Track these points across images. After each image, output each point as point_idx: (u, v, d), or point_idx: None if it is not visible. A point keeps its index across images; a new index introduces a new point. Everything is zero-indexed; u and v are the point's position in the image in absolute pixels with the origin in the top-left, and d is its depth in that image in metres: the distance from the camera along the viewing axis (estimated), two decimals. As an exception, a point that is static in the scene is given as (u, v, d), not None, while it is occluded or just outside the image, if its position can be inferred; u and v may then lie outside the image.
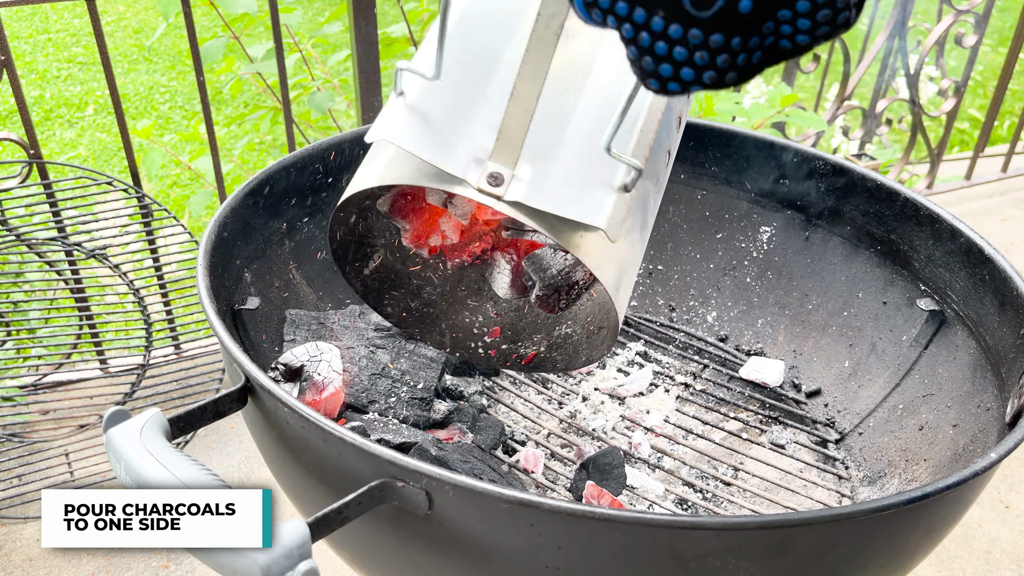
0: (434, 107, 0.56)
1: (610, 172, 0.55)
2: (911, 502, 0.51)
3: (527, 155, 0.55)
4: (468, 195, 0.54)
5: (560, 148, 0.55)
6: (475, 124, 0.55)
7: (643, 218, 0.62)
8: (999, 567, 1.11)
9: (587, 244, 0.56)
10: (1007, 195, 2.05)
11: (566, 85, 0.57)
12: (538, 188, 0.54)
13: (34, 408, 1.25)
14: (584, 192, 0.54)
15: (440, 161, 0.54)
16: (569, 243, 0.56)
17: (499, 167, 0.54)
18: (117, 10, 3.91)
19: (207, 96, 1.21)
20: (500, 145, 0.54)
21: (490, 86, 0.56)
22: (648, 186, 0.61)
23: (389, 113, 0.56)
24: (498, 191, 0.54)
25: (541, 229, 0.54)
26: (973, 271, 0.78)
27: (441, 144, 0.54)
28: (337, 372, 0.76)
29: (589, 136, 0.55)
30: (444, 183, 0.55)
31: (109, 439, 0.54)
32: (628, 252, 0.61)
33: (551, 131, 0.56)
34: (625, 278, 0.62)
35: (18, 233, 1.14)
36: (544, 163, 0.55)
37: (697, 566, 0.51)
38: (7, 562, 1.08)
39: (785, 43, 0.32)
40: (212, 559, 0.48)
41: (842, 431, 0.90)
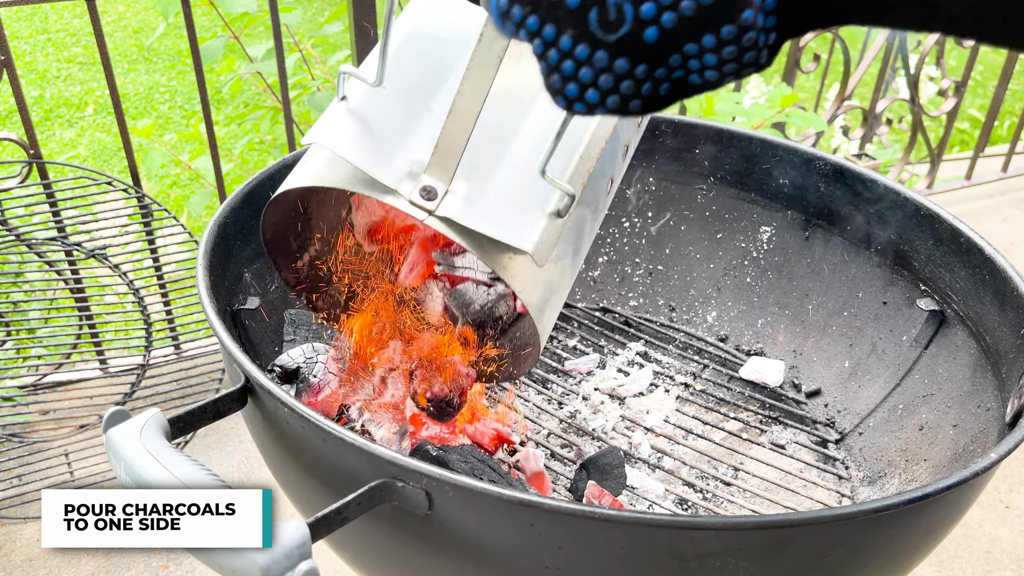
0: (375, 115, 0.56)
1: (544, 196, 0.55)
2: (911, 502, 0.51)
3: (463, 172, 0.54)
4: (399, 206, 0.54)
5: (497, 168, 0.55)
6: (414, 137, 0.55)
7: (576, 243, 0.62)
8: (999, 567, 1.11)
9: (514, 266, 0.56)
10: (1007, 195, 2.05)
11: (510, 107, 0.57)
12: (470, 206, 0.54)
13: (34, 408, 1.25)
14: (516, 214, 0.54)
15: (374, 170, 0.54)
16: (496, 264, 0.55)
17: (433, 181, 0.54)
18: (117, 10, 3.91)
19: (207, 96, 1.21)
20: (436, 159, 0.54)
21: (434, 100, 0.56)
22: (585, 212, 0.61)
23: (329, 117, 0.56)
24: (429, 205, 0.53)
25: (469, 247, 0.54)
26: (973, 271, 0.78)
27: (377, 153, 0.54)
28: (333, 373, 0.76)
29: (527, 159, 0.55)
30: (376, 192, 0.54)
31: (109, 439, 0.54)
32: (557, 276, 0.61)
33: (490, 150, 0.55)
34: (552, 300, 0.61)
35: (18, 233, 1.14)
36: (480, 181, 0.55)
37: (697, 566, 0.51)
38: (7, 562, 1.08)
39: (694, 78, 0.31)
40: (212, 559, 0.48)
41: (842, 431, 0.90)
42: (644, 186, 1.05)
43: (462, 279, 0.75)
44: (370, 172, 0.54)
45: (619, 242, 1.08)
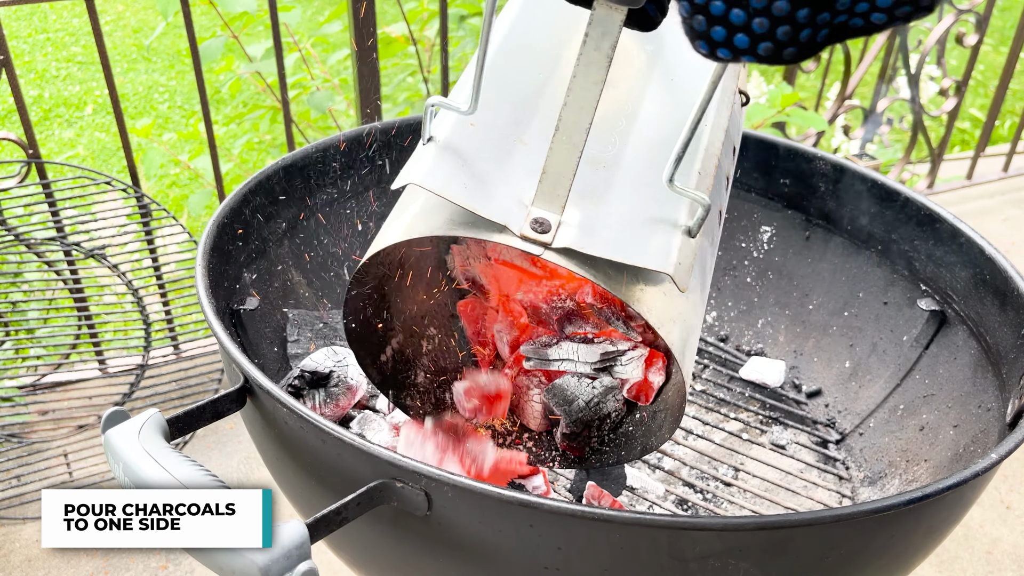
0: (468, 149, 0.50)
1: (671, 213, 0.49)
2: (912, 503, 0.51)
3: (575, 199, 0.48)
4: (510, 244, 0.47)
5: (610, 191, 0.49)
6: (514, 167, 0.49)
7: (702, 277, 0.55)
8: (1000, 568, 1.11)
9: (648, 298, 0.49)
10: (1008, 195, 2.04)
11: (610, 130, 0.52)
12: (590, 233, 0.47)
13: (33, 408, 1.24)
14: (645, 235, 0.48)
15: (477, 206, 0.47)
16: (628, 296, 0.49)
17: (544, 212, 0.47)
18: (116, 9, 3.90)
19: (206, 95, 1.21)
20: (544, 187, 0.47)
21: (531, 124, 0.51)
22: (704, 243, 0.54)
23: (418, 158, 0.51)
24: (545, 238, 0.47)
25: (596, 280, 0.48)
26: (974, 271, 0.78)
27: (478, 188, 0.48)
28: (362, 374, 0.76)
29: (641, 178, 0.50)
30: (482, 232, 0.48)
31: (107, 440, 0.54)
32: (691, 313, 0.54)
33: (599, 175, 0.50)
34: (690, 341, 0.54)
35: (17, 233, 1.14)
36: (594, 207, 0.48)
37: (697, 567, 0.51)
38: (6, 562, 1.08)
39: (857, 21, 0.28)
40: (211, 560, 0.48)
41: (842, 431, 0.90)
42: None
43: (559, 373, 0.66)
44: (474, 209, 0.47)
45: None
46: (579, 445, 0.66)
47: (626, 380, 0.66)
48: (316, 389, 0.74)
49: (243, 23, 1.57)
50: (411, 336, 0.67)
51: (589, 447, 0.66)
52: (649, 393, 0.65)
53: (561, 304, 0.67)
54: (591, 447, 0.67)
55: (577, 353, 0.65)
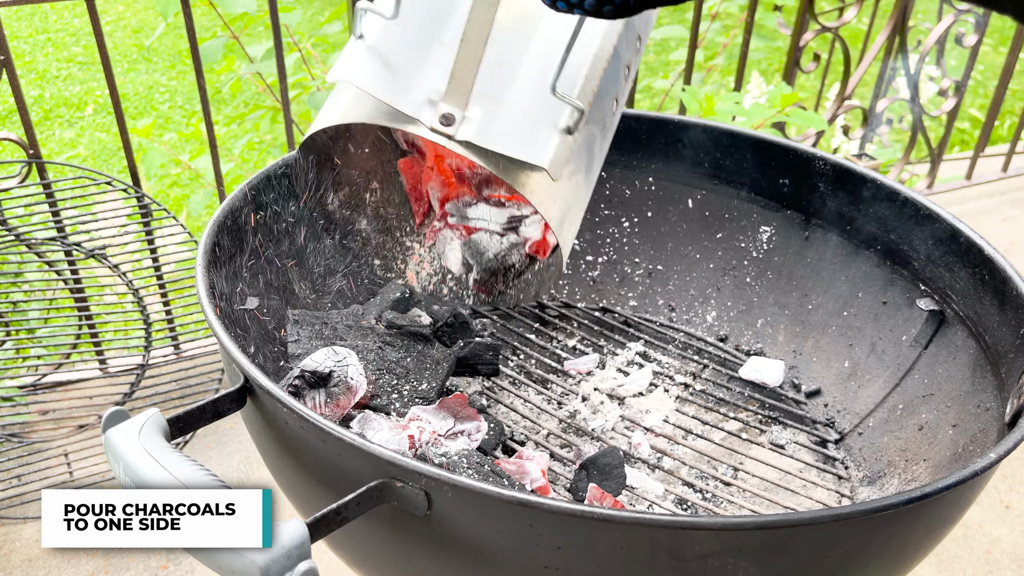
0: (392, 50, 0.59)
1: (555, 114, 0.58)
2: (911, 502, 0.51)
3: (477, 98, 0.58)
4: (421, 134, 0.58)
5: (508, 91, 0.59)
6: (430, 67, 0.59)
7: (588, 161, 0.65)
8: (999, 567, 1.11)
9: (532, 183, 0.60)
10: (1007, 195, 2.05)
11: (516, 33, 0.60)
12: (487, 129, 0.57)
13: (33, 408, 1.25)
14: (530, 133, 0.58)
15: (396, 101, 0.57)
16: (515, 181, 0.59)
17: (451, 108, 0.57)
18: (116, 10, 3.91)
19: (207, 95, 1.21)
20: (452, 87, 0.58)
21: (446, 32, 0.60)
22: (594, 131, 0.64)
23: (349, 54, 0.59)
24: (450, 130, 0.57)
25: (489, 167, 0.58)
26: (973, 271, 0.78)
27: (397, 85, 0.58)
28: (362, 375, 0.76)
29: (536, 81, 0.59)
30: (399, 122, 0.58)
31: (108, 439, 0.54)
32: (572, 192, 0.65)
33: (501, 76, 0.59)
34: (570, 215, 0.65)
35: (17, 233, 1.14)
36: (493, 106, 0.58)
37: (697, 566, 0.51)
38: (7, 562, 1.08)
39: None
40: (211, 559, 0.48)
41: (842, 431, 0.90)
42: (644, 186, 1.05)
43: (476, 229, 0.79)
44: (392, 103, 0.57)
45: (619, 242, 1.08)
46: (488, 288, 0.80)
47: (528, 238, 0.80)
48: (316, 389, 0.74)
49: (243, 24, 1.57)
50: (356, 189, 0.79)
51: (496, 289, 0.80)
52: (545, 250, 0.79)
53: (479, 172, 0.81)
54: (498, 290, 0.80)
55: (490, 214, 0.78)
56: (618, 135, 1.03)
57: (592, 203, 1.07)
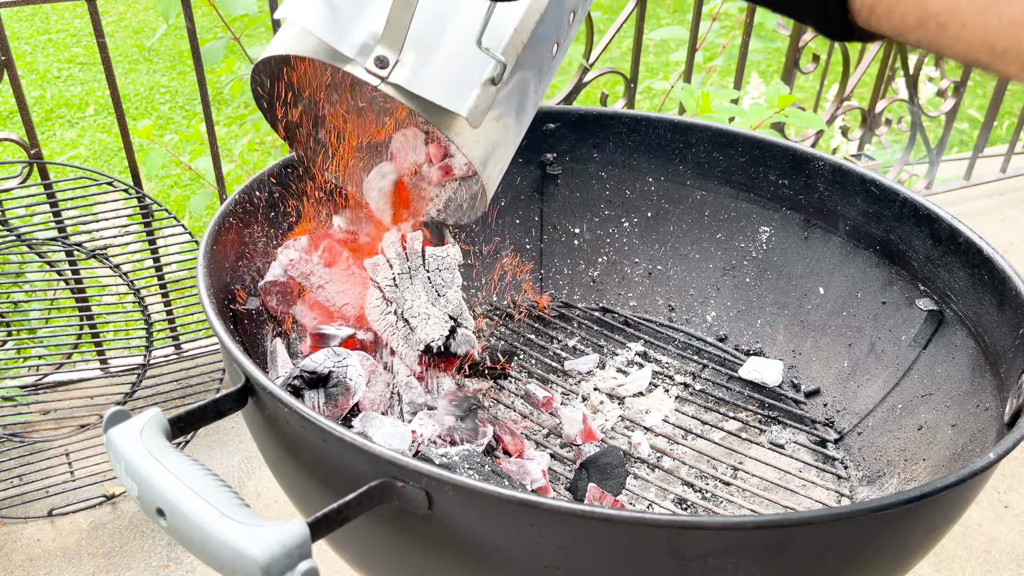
0: None
1: (481, 66, 0.61)
2: (910, 502, 0.51)
3: (412, 44, 0.61)
4: (355, 73, 0.61)
5: (441, 40, 0.62)
6: (371, 10, 0.62)
7: (520, 103, 0.69)
8: (998, 567, 1.11)
9: (457, 126, 0.65)
10: (1006, 195, 2.05)
11: None
12: (417, 74, 0.61)
13: (34, 408, 1.25)
14: (455, 83, 0.61)
15: (335, 41, 0.61)
16: (441, 124, 0.64)
17: (386, 52, 0.60)
18: (118, 10, 3.91)
19: (207, 96, 1.21)
20: (388, 32, 0.60)
21: None
22: (527, 75, 0.68)
23: None
24: (382, 73, 0.61)
25: (417, 110, 0.62)
26: (972, 271, 0.79)
27: (338, 26, 0.61)
28: (362, 376, 0.76)
29: (468, 31, 0.62)
30: (337, 61, 0.62)
31: (109, 439, 0.54)
32: (500, 133, 0.69)
33: (436, 24, 0.62)
34: (495, 154, 0.70)
35: (18, 233, 1.14)
36: (426, 53, 0.61)
37: (696, 566, 0.52)
38: (7, 562, 1.08)
39: None
40: (212, 559, 0.48)
41: (841, 431, 0.90)
42: (644, 186, 1.05)
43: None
44: (331, 43, 0.61)
45: (619, 242, 1.08)
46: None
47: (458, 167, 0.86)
48: (315, 389, 0.74)
49: (244, 25, 1.57)
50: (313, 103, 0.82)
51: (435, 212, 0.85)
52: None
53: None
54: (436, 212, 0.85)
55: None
56: (619, 135, 1.04)
57: (592, 203, 1.07)
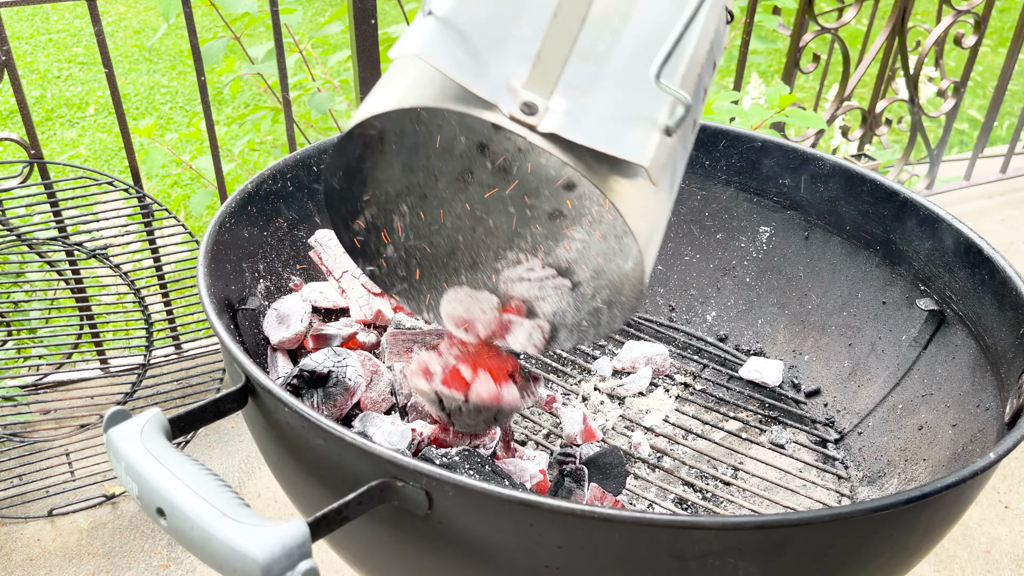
0: (467, 24, 0.51)
1: (653, 109, 0.51)
2: (910, 502, 0.51)
3: (563, 87, 0.50)
4: (499, 122, 0.50)
5: (598, 82, 0.51)
6: (511, 47, 0.51)
7: (671, 179, 0.58)
8: (998, 567, 1.11)
9: (622, 188, 0.52)
10: (1007, 195, 2.05)
11: (602, 28, 0.53)
12: (575, 121, 0.49)
13: (35, 408, 1.25)
14: (626, 128, 0.50)
15: (471, 82, 0.49)
16: (604, 184, 0.51)
17: (533, 96, 0.49)
18: (118, 10, 3.91)
19: (207, 96, 1.21)
20: (536, 72, 0.49)
21: (527, 10, 0.52)
22: (676, 146, 0.57)
23: (416, 29, 0.51)
24: (532, 120, 0.49)
25: (576, 166, 0.50)
26: (972, 271, 0.79)
27: (472, 65, 0.50)
28: (362, 376, 0.76)
29: (629, 73, 0.51)
30: (473, 108, 0.50)
31: (109, 439, 0.54)
32: (659, 210, 0.56)
33: (588, 67, 0.51)
34: (654, 236, 0.57)
35: (19, 233, 1.14)
36: (582, 96, 0.50)
37: (697, 566, 0.52)
38: (7, 562, 1.08)
39: None
40: (213, 558, 0.48)
41: (841, 431, 0.90)
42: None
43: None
44: (467, 85, 0.49)
45: (619, 242, 1.08)
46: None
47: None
48: (315, 389, 0.74)
49: (244, 24, 1.57)
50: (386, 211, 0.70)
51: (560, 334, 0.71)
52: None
53: None
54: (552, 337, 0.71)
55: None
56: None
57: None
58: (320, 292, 0.85)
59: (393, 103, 0.52)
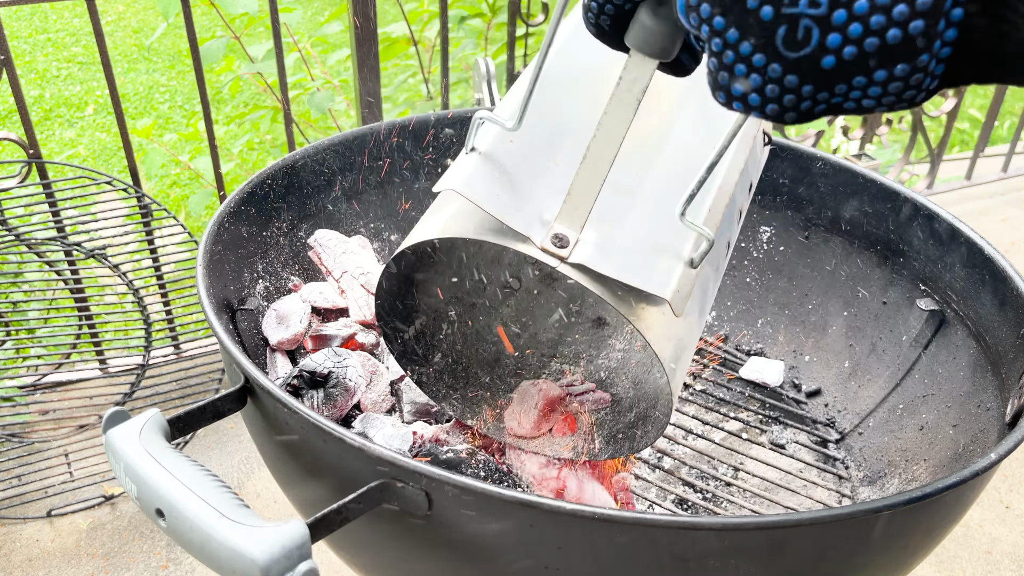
0: (506, 163, 0.55)
1: (679, 243, 0.54)
2: (911, 502, 0.51)
3: (593, 221, 0.53)
4: (531, 253, 0.53)
5: (627, 216, 0.55)
6: (543, 184, 0.55)
7: (701, 303, 0.61)
8: (999, 567, 1.11)
9: (648, 317, 0.55)
10: (1007, 195, 2.05)
11: (638, 155, 0.56)
12: (603, 253, 0.53)
13: (33, 408, 1.25)
14: (651, 261, 0.53)
15: (506, 216, 0.53)
16: (630, 313, 0.54)
17: (564, 229, 0.53)
18: (117, 10, 3.91)
19: (207, 95, 1.21)
20: (567, 207, 0.53)
21: (563, 148, 0.56)
22: (708, 272, 0.60)
23: (459, 166, 0.56)
24: (562, 252, 0.53)
25: (602, 296, 0.53)
26: (973, 271, 0.78)
27: (509, 200, 0.54)
28: (362, 377, 0.76)
29: (658, 207, 0.55)
30: (507, 240, 0.54)
31: (108, 440, 0.54)
32: (686, 334, 0.59)
33: (618, 200, 0.55)
34: (682, 359, 0.60)
35: (17, 233, 1.14)
36: (610, 229, 0.54)
37: (697, 566, 0.51)
38: (7, 562, 1.08)
39: (850, 104, 0.33)
40: (211, 559, 0.48)
41: (842, 431, 0.90)
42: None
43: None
44: (502, 219, 0.53)
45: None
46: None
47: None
48: (315, 389, 0.74)
49: (244, 24, 1.57)
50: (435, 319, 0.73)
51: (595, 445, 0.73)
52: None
53: None
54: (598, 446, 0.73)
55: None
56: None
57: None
58: (319, 292, 0.85)
59: (436, 233, 0.57)
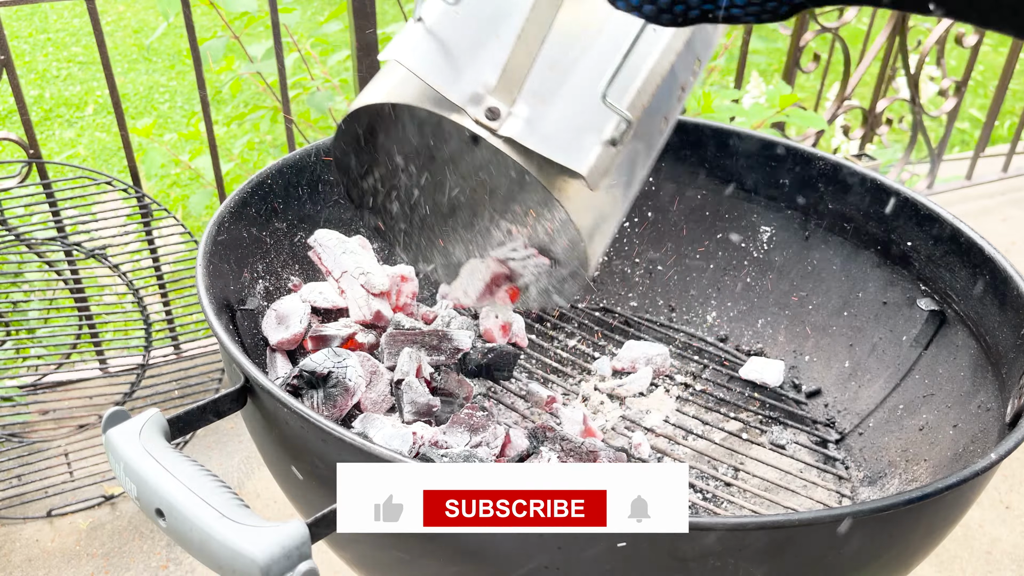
0: (448, 37, 0.58)
1: (602, 123, 0.57)
2: (911, 502, 0.51)
3: (526, 96, 0.57)
4: (464, 124, 0.57)
5: (558, 94, 0.58)
6: (483, 59, 0.58)
7: (629, 176, 0.65)
8: (999, 567, 1.11)
9: (569, 189, 0.59)
10: (1008, 195, 2.05)
11: (574, 39, 0.59)
12: (531, 128, 0.57)
13: (33, 408, 1.25)
14: (573, 139, 0.57)
15: (444, 88, 0.56)
16: (552, 185, 0.58)
17: (498, 103, 0.57)
18: (117, 10, 3.90)
19: (207, 95, 1.21)
20: (502, 82, 0.56)
21: (504, 26, 0.59)
22: (638, 147, 0.63)
23: (405, 36, 0.59)
24: (493, 125, 0.56)
25: (528, 168, 0.57)
26: (973, 271, 0.78)
27: (448, 73, 0.57)
28: (362, 377, 0.76)
29: (588, 87, 0.58)
30: (444, 110, 0.57)
31: (108, 439, 0.54)
32: (608, 204, 0.64)
33: (553, 78, 0.58)
34: (602, 228, 0.65)
35: (17, 233, 1.14)
36: (541, 106, 0.57)
37: (697, 566, 0.51)
38: (7, 562, 1.08)
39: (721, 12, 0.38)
40: (212, 559, 0.48)
41: (842, 431, 0.90)
42: (644, 186, 1.05)
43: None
44: (441, 90, 0.56)
45: (618, 241, 1.08)
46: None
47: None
48: (315, 389, 0.74)
49: (244, 24, 1.57)
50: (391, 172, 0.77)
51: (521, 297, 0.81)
52: None
53: None
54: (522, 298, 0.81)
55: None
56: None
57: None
58: (319, 293, 0.85)
59: (381, 98, 0.61)
